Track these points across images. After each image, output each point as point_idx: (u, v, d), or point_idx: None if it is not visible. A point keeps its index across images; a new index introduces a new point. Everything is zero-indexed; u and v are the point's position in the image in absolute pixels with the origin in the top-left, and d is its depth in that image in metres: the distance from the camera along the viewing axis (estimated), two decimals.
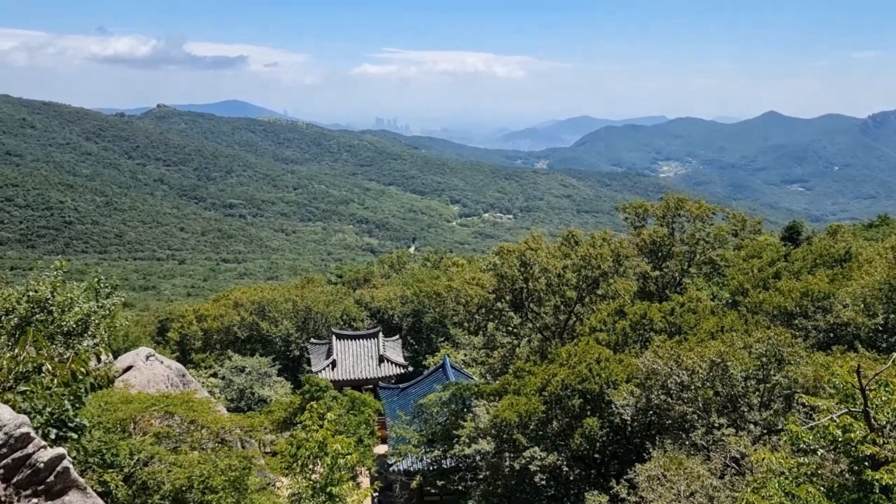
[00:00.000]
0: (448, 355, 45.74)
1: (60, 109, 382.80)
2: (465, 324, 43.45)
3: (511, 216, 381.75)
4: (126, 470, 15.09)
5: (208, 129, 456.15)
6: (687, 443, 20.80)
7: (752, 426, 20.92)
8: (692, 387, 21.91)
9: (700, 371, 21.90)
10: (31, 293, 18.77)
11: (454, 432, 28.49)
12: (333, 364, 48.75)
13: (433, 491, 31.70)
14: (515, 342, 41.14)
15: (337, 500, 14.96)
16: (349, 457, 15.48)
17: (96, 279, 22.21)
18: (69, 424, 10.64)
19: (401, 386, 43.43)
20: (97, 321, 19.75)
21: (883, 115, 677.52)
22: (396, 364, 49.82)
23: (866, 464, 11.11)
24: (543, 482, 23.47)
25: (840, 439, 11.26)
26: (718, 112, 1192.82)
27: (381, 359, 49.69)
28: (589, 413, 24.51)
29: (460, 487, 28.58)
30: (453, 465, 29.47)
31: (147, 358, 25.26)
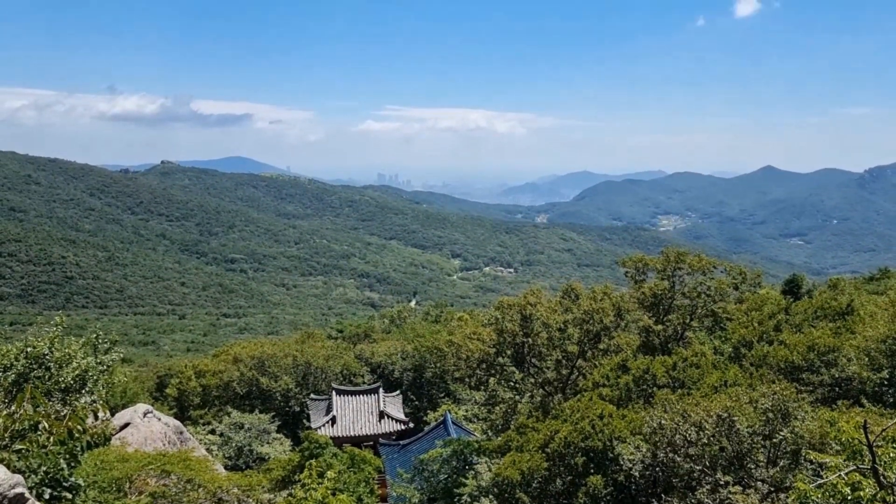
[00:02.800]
0: (449, 411, 45.23)
1: (65, 166, 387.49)
2: (467, 379, 43.05)
3: (512, 270, 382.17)
4: None
5: (211, 185, 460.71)
6: (693, 502, 20.37)
7: (759, 484, 20.52)
8: (699, 443, 21.58)
9: (707, 426, 21.60)
10: (29, 349, 18.68)
11: (455, 490, 27.95)
12: (333, 420, 48.13)
13: None
14: (517, 397, 40.70)
15: None
16: None
17: (95, 335, 22.14)
18: (64, 484, 10.46)
19: (401, 442, 42.80)
20: (95, 377, 19.60)
21: (879, 169, 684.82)
22: (397, 420, 49.18)
23: None
24: None
25: (849, 497, 11.04)
26: (716, 167, 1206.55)
27: (382, 415, 49.08)
28: (593, 471, 24.08)
29: None
30: None
31: (145, 415, 24.98)
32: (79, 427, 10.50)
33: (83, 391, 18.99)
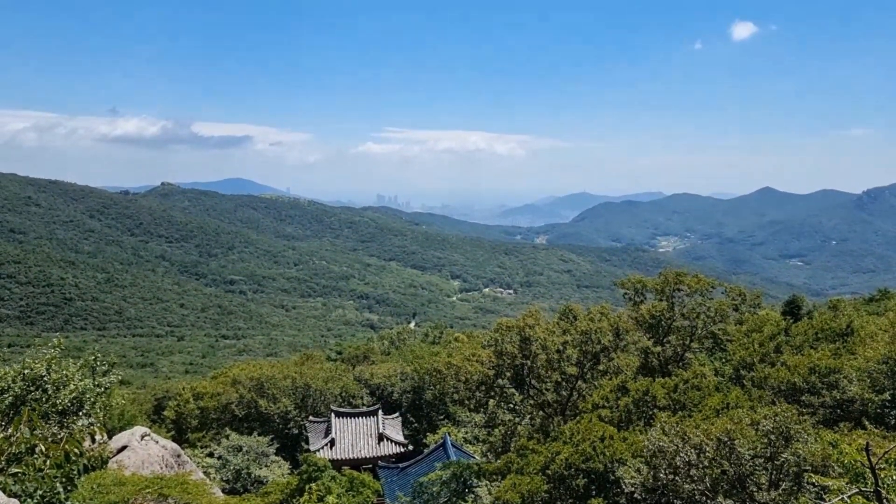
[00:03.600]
0: (448, 433, 44.95)
1: (66, 187, 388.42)
2: (466, 401, 42.82)
3: (511, 291, 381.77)
4: None
5: (211, 207, 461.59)
6: None
7: None
8: (700, 465, 21.43)
9: (707, 449, 21.46)
10: (26, 371, 18.62)
11: None
12: (332, 443, 47.80)
13: None
14: (517, 419, 40.47)
15: None
16: None
17: (93, 356, 22.07)
18: None
19: (401, 465, 42.48)
20: (93, 399, 19.51)
21: (877, 190, 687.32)
22: (396, 442, 48.85)
23: None
24: None
25: None
26: (715, 188, 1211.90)
27: (381, 437, 48.75)
28: (594, 493, 23.87)
29: None
30: None
31: (142, 437, 24.81)
32: (75, 450, 10.42)
33: (80, 413, 18.90)
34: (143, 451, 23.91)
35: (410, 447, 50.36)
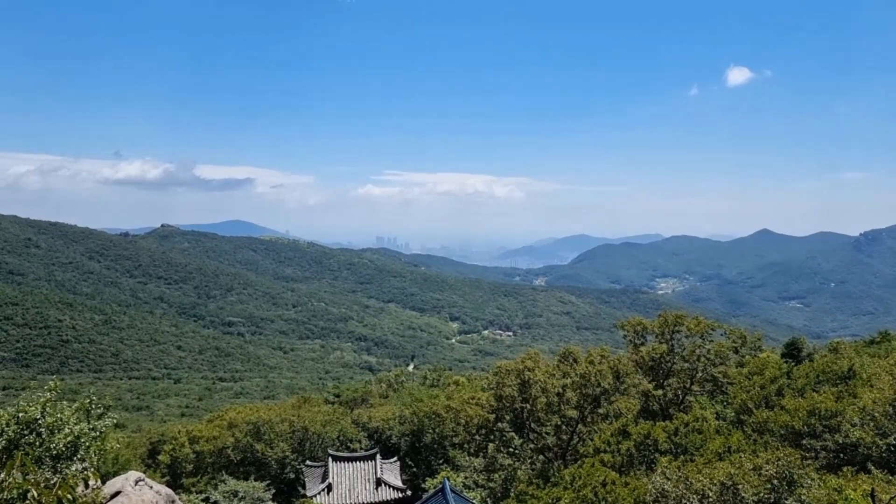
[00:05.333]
0: (448, 478, 44.30)
1: (66, 229, 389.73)
2: (465, 445, 42.40)
3: (511, 333, 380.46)
4: None
5: (210, 248, 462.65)
6: None
7: None
8: None
9: (711, 494, 21.15)
10: (21, 414, 18.44)
11: None
12: (329, 488, 47.04)
13: None
14: (517, 464, 39.98)
15: None
16: None
17: (88, 399, 21.87)
18: None
19: None
20: (87, 443, 19.28)
21: (874, 232, 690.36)
22: (394, 488, 48.08)
23: None
24: None
25: None
26: (713, 230, 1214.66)
27: (379, 482, 47.99)
28: None
29: None
30: None
31: (136, 483, 24.46)
32: (68, 496, 10.25)
33: (75, 458, 18.66)
34: (137, 497, 23.56)
35: (409, 492, 49.55)
